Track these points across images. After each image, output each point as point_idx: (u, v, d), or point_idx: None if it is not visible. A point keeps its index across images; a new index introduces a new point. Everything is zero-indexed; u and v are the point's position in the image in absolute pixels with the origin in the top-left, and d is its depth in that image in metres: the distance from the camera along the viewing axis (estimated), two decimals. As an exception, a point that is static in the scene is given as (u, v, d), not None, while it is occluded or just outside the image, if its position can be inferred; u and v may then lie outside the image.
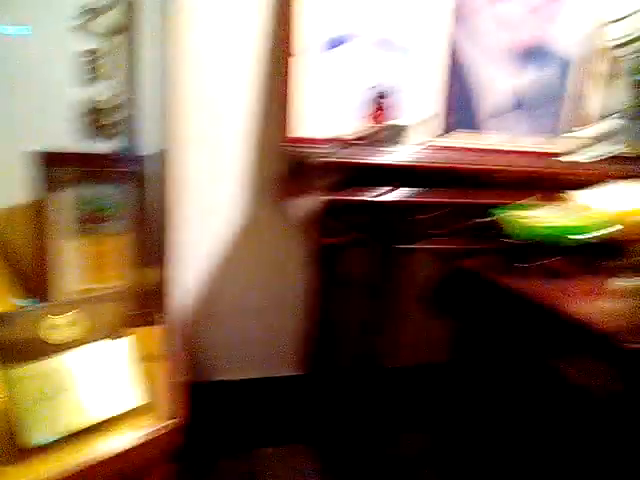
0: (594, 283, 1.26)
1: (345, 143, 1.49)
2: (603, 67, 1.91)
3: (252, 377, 1.80)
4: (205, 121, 1.57)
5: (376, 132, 1.53)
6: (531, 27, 1.85)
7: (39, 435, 0.85)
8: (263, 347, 1.80)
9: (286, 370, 1.81)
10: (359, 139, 1.51)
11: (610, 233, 1.29)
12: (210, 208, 1.64)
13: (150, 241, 1.36)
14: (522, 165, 1.64)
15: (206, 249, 1.67)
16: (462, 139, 1.79)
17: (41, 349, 0.89)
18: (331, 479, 1.58)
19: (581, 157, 1.81)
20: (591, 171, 1.63)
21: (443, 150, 1.69)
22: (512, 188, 1.49)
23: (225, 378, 1.77)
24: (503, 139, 1.86)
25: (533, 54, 1.88)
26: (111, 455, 0.87)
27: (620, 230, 1.31)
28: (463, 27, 1.75)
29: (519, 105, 1.89)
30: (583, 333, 1.01)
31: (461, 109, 1.79)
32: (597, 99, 1.94)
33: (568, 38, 1.90)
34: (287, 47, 1.55)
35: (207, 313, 1.71)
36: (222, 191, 1.64)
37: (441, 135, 1.74)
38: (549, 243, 1.35)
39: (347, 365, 1.67)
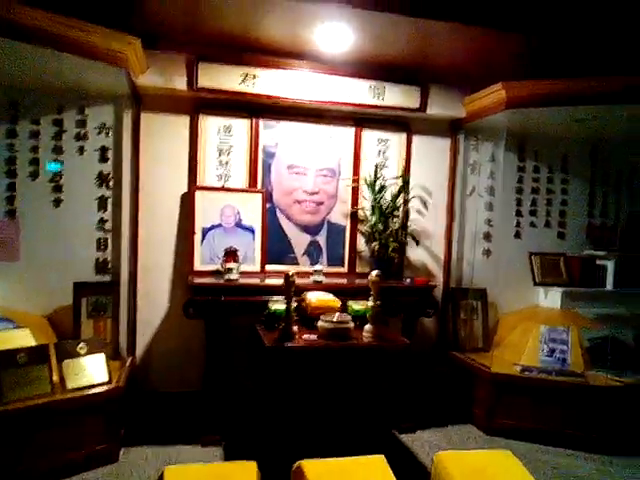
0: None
1: (215, 273, 3.35)
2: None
3: (170, 390, 3.54)
4: (152, 248, 3.52)
5: (229, 269, 3.36)
6: (316, 210, 3.74)
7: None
8: (176, 372, 3.55)
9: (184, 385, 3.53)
10: (217, 271, 3.37)
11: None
12: (152, 301, 3.53)
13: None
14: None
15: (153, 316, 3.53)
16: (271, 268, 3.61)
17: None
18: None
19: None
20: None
21: (256, 275, 3.50)
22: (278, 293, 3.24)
23: (157, 389, 3.52)
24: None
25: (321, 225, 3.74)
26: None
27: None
28: (281, 214, 3.67)
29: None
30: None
31: (273, 254, 3.65)
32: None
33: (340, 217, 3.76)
34: (192, 227, 3.51)
35: (152, 351, 3.53)
36: (159, 291, 3.54)
37: (262, 266, 3.57)
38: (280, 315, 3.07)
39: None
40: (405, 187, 3.73)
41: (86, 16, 2.71)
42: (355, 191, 3.84)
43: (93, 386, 2.84)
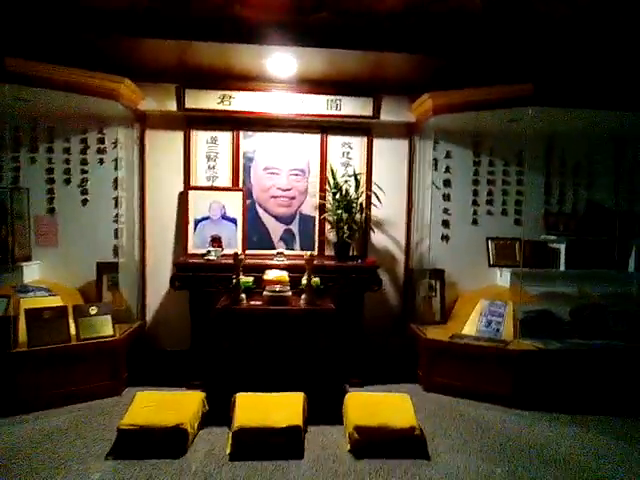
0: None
1: (204, 255, 4.23)
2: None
3: (174, 349, 4.46)
4: (156, 236, 4.47)
5: (209, 251, 4.22)
6: (289, 204, 4.51)
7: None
8: (174, 334, 4.47)
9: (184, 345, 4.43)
10: (206, 254, 4.24)
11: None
12: (157, 278, 4.47)
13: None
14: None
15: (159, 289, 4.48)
16: (252, 252, 4.42)
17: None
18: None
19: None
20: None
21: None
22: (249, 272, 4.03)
23: (163, 348, 4.46)
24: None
25: (294, 216, 4.51)
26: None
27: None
28: (260, 208, 4.48)
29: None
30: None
31: (254, 241, 4.46)
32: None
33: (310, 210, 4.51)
34: (187, 219, 4.41)
35: (158, 318, 4.48)
36: (162, 270, 4.47)
37: (243, 250, 4.40)
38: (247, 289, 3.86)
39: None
40: (357, 184, 4.37)
41: (92, 64, 3.69)
42: (322, 187, 4.55)
43: (100, 337, 3.81)
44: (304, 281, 3.74)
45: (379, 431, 2.97)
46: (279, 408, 3.11)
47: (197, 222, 4.44)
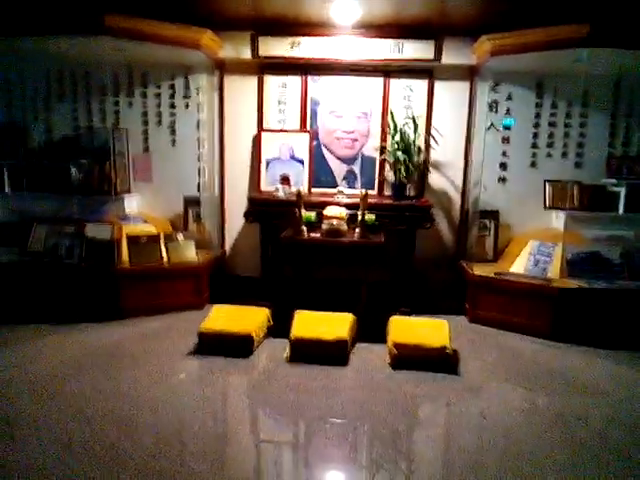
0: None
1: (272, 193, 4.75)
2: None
3: (247, 275, 5.11)
4: (233, 175, 5.05)
5: (277, 189, 4.72)
6: (352, 145, 4.86)
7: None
8: (249, 262, 5.10)
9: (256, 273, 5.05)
10: (275, 191, 4.75)
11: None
12: (234, 212, 5.07)
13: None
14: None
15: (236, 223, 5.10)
16: (317, 190, 4.86)
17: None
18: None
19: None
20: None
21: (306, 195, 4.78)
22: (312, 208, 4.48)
23: (239, 274, 5.13)
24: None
25: (356, 157, 4.87)
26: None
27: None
28: (325, 149, 4.88)
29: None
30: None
31: (318, 180, 4.89)
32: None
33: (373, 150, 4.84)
34: (259, 159, 4.92)
35: (235, 247, 5.13)
36: (238, 205, 5.06)
37: (309, 189, 4.85)
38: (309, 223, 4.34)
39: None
40: (416, 127, 4.61)
41: (174, 15, 4.16)
42: (383, 129, 4.83)
43: (185, 261, 4.50)
44: (359, 217, 4.14)
45: (415, 348, 3.41)
46: (330, 324, 3.64)
47: (268, 162, 4.92)
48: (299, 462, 2.46)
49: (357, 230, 4.04)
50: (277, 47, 4.66)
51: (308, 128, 4.91)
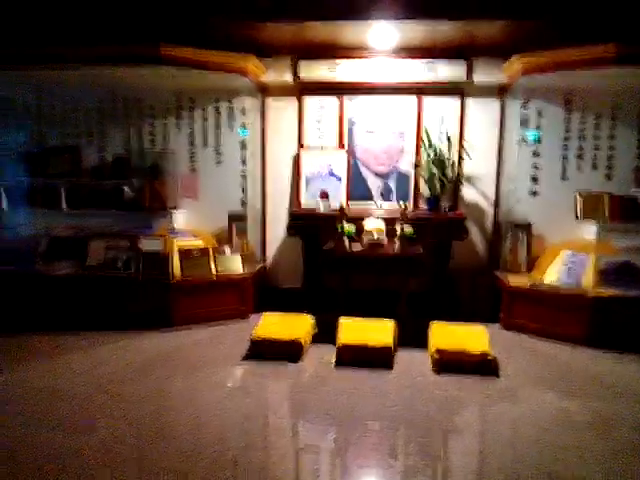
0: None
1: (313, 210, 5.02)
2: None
3: (288, 287, 5.36)
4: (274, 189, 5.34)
5: (317, 203, 4.97)
6: (388, 162, 5.11)
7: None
8: (289, 274, 5.35)
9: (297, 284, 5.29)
10: (316, 206, 5.01)
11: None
12: (274, 227, 5.35)
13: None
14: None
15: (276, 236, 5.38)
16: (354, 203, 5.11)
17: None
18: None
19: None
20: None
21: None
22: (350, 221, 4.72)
23: (279, 286, 5.38)
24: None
25: (392, 173, 5.11)
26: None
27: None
28: (362, 165, 5.14)
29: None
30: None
31: (356, 195, 5.14)
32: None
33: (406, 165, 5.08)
34: (299, 175, 5.19)
35: (276, 260, 5.39)
36: (278, 220, 5.33)
37: (346, 203, 5.10)
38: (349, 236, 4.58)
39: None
40: (449, 143, 4.84)
41: (219, 43, 4.50)
42: (417, 146, 5.08)
43: (232, 274, 4.78)
44: (398, 230, 4.36)
45: (456, 354, 3.61)
46: (374, 331, 3.86)
47: (308, 178, 5.19)
48: (363, 453, 2.68)
49: (397, 242, 4.26)
50: (316, 70, 4.97)
51: (345, 146, 5.17)
